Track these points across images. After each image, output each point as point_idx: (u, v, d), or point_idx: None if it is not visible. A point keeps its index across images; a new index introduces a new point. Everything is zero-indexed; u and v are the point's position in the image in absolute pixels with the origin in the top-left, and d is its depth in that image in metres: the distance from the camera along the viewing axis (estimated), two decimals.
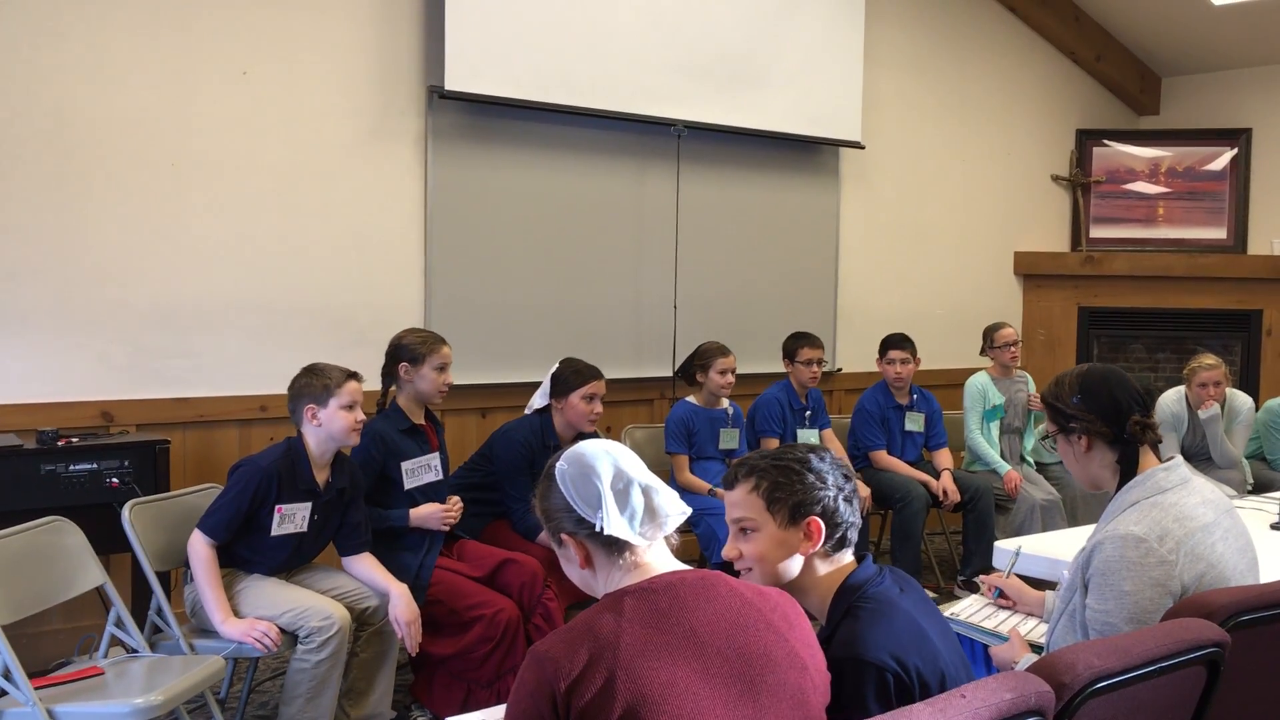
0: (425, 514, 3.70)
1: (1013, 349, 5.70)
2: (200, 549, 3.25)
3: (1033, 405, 5.66)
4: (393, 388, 3.80)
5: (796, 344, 5.26)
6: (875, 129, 6.33)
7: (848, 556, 2.00)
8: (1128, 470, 2.30)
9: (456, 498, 3.82)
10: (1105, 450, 2.31)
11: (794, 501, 1.95)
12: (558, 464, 1.78)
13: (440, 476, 3.80)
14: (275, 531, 3.32)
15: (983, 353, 5.79)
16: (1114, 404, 2.29)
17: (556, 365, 4.11)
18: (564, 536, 1.76)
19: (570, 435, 4.08)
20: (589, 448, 1.79)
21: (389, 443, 3.67)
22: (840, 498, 1.97)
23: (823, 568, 1.97)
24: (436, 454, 3.80)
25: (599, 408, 4.05)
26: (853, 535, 1.99)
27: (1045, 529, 5.14)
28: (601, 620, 1.60)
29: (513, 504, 3.99)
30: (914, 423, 5.44)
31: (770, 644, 1.64)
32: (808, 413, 5.26)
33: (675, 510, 1.77)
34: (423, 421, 3.81)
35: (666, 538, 1.78)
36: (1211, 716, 1.97)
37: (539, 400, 4.08)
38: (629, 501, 1.73)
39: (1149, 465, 2.30)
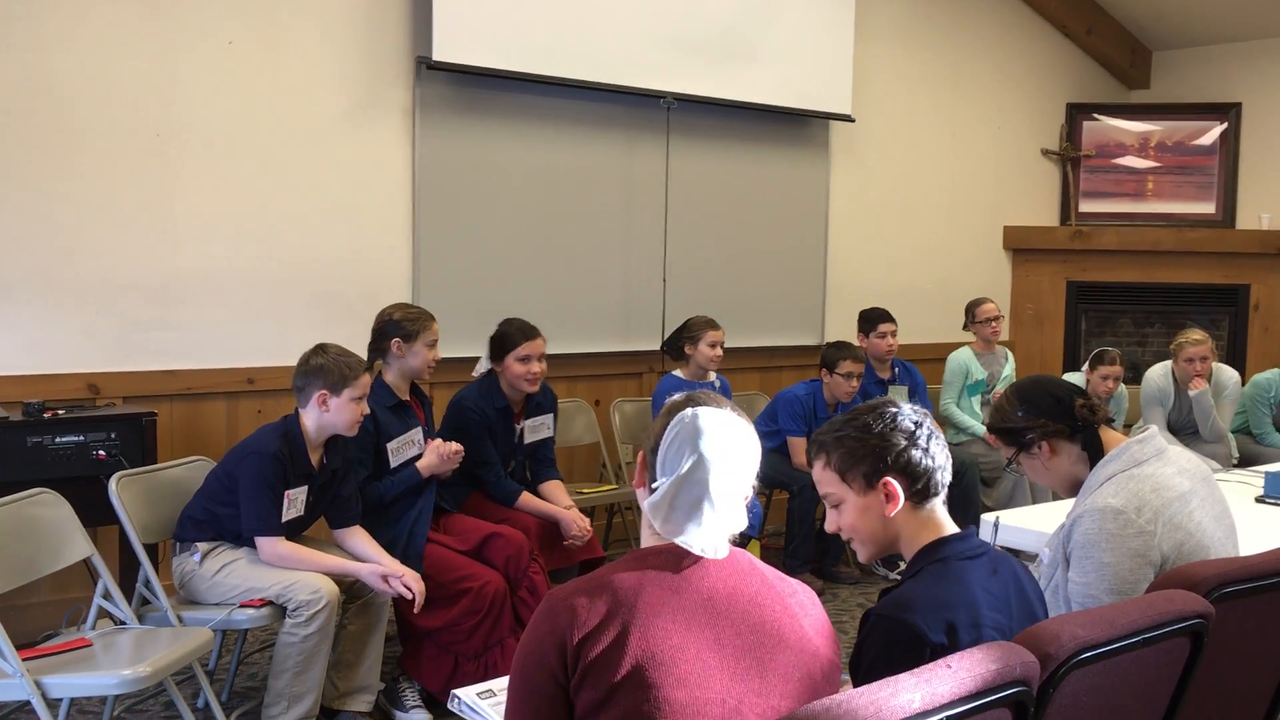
0: (432, 461, 3.70)
1: (994, 324, 5.71)
2: (274, 549, 3.26)
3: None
4: (378, 362, 3.77)
5: (839, 355, 4.95)
6: (865, 102, 6.31)
7: (938, 507, 1.94)
8: (1094, 454, 2.34)
9: (455, 444, 3.80)
10: (1068, 445, 2.36)
11: (864, 469, 1.92)
12: (686, 408, 1.73)
13: (420, 451, 3.79)
14: (284, 518, 3.31)
15: (965, 328, 5.79)
16: (1054, 399, 2.36)
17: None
18: (643, 454, 1.77)
19: (518, 397, 4.05)
20: (718, 425, 1.71)
21: (379, 419, 3.66)
22: (912, 448, 1.90)
23: (913, 522, 1.92)
24: (419, 429, 3.79)
25: (536, 367, 3.96)
26: (939, 480, 1.92)
27: (1036, 499, 5.18)
28: (624, 576, 1.61)
29: (482, 471, 3.96)
30: (898, 395, 5.45)
31: (784, 625, 1.65)
32: None
33: (714, 538, 1.67)
34: (408, 397, 3.80)
35: None
36: (1195, 687, 1.99)
37: (484, 364, 4.05)
38: (684, 502, 1.67)
39: (1119, 441, 2.34)
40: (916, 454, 1.90)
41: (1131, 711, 1.93)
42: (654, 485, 1.71)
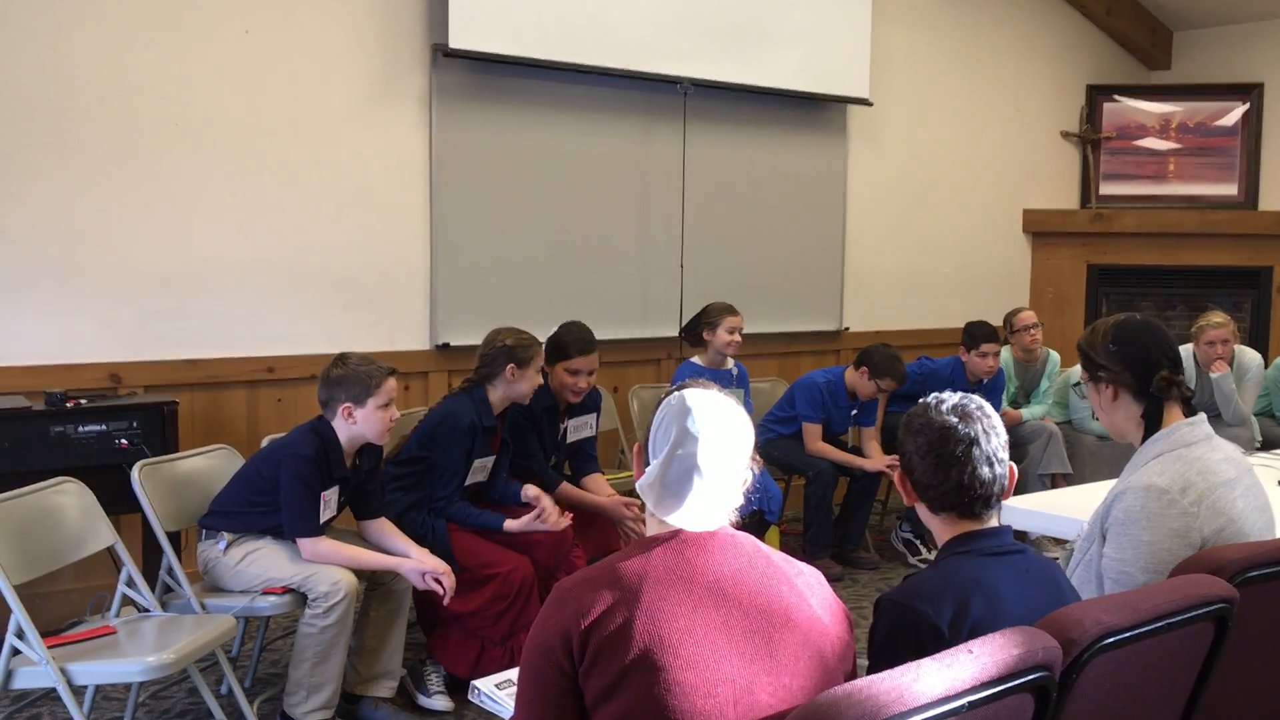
0: (524, 525, 3.63)
1: (1032, 332, 5.62)
2: (316, 548, 3.26)
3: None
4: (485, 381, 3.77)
5: (885, 375, 4.88)
6: (883, 86, 6.27)
7: (980, 520, 1.90)
8: (1151, 425, 2.28)
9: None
10: (1131, 403, 2.31)
11: (902, 449, 1.96)
12: (674, 394, 1.78)
13: (486, 479, 3.81)
14: (320, 519, 3.32)
15: (1004, 341, 5.67)
16: (1144, 357, 2.28)
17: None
18: (638, 445, 1.80)
19: (564, 397, 4.10)
20: (704, 402, 1.74)
21: (476, 439, 3.67)
22: (930, 467, 1.88)
23: (936, 519, 1.93)
24: (494, 458, 3.82)
25: (582, 382, 4.03)
26: (943, 500, 1.89)
27: (1048, 457, 5.26)
28: (629, 563, 1.62)
29: (527, 461, 4.02)
30: None
31: (792, 605, 1.65)
32: (854, 411, 5.10)
33: (705, 511, 1.69)
34: (496, 419, 3.82)
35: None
36: (1219, 672, 1.98)
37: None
38: (673, 478, 1.68)
39: (1175, 419, 2.28)
40: (929, 473, 1.89)
41: (1155, 696, 1.92)
42: (647, 469, 1.73)
